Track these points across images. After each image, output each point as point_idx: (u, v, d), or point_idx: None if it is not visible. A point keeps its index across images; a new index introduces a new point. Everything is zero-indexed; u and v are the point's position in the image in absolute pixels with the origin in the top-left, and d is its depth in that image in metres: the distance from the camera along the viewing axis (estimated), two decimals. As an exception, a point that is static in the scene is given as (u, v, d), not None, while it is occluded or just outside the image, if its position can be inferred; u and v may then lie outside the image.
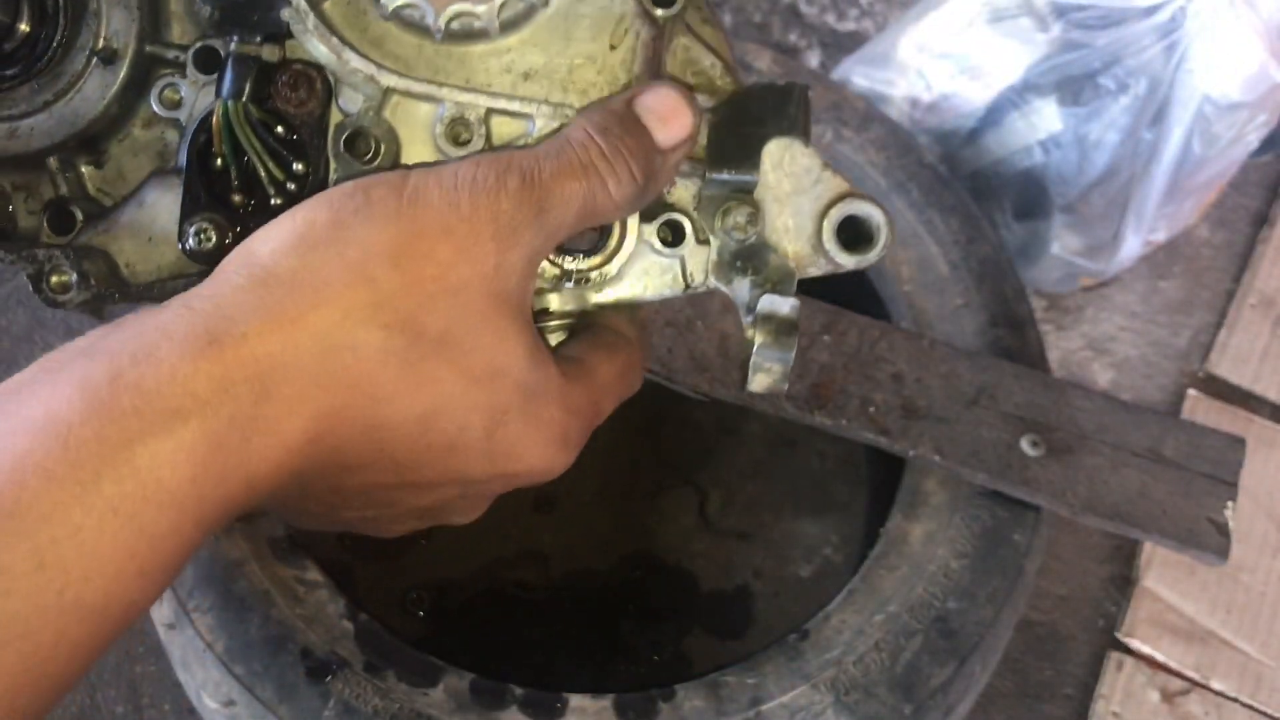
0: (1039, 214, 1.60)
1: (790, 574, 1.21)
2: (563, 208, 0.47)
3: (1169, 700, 1.39)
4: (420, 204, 0.44)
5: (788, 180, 0.53)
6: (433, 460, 0.47)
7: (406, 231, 0.44)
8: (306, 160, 0.54)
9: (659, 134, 0.50)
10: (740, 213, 0.54)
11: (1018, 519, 0.97)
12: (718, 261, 0.55)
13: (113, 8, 0.54)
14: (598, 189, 0.48)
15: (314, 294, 0.42)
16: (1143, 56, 1.47)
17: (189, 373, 0.40)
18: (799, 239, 0.54)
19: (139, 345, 0.40)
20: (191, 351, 0.40)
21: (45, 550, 0.38)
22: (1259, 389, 1.67)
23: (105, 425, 0.39)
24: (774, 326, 0.52)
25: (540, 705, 0.86)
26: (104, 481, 0.38)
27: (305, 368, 0.42)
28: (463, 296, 0.44)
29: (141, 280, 0.57)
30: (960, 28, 1.57)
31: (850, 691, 0.87)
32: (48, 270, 0.55)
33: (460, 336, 0.45)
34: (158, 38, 0.56)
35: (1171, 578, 1.47)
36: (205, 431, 0.40)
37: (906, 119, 1.61)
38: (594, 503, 1.25)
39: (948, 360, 1.01)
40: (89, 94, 0.55)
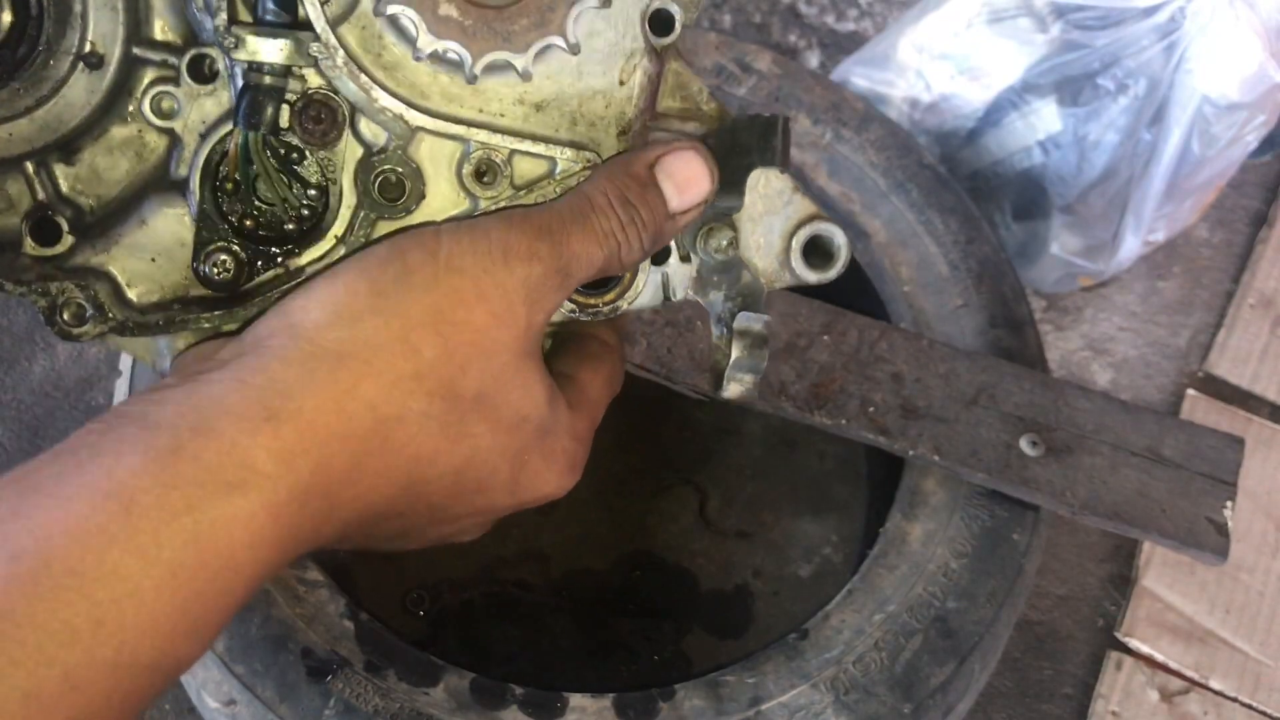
0: (1038, 214, 1.60)
1: (790, 573, 1.21)
2: (584, 270, 0.51)
3: (1168, 699, 1.39)
4: (456, 270, 0.47)
5: (761, 201, 0.57)
6: (463, 501, 0.50)
7: (445, 300, 0.46)
8: (322, 187, 0.55)
9: (674, 201, 0.53)
10: (722, 236, 0.58)
11: (1017, 519, 0.97)
12: (697, 277, 0.59)
13: (99, 10, 0.53)
14: (613, 254, 0.51)
15: (363, 365, 0.44)
16: (1142, 57, 1.47)
17: (248, 446, 0.42)
18: (768, 256, 0.58)
19: (198, 418, 0.42)
20: (250, 427, 0.42)
21: (105, 609, 0.39)
22: (1258, 389, 1.67)
23: (167, 493, 0.40)
24: (749, 341, 0.57)
25: (540, 705, 0.86)
26: (164, 548, 0.40)
27: (357, 437, 0.44)
28: (496, 359, 0.47)
29: (146, 301, 0.56)
30: (959, 28, 1.58)
31: (850, 691, 0.88)
32: (60, 303, 0.54)
33: (493, 394, 0.48)
34: (141, 38, 0.54)
35: (1171, 577, 1.47)
36: (265, 503, 0.42)
37: (906, 119, 1.61)
38: (594, 503, 1.25)
39: (947, 360, 1.02)
40: (73, 99, 0.54)
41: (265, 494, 0.42)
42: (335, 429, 0.44)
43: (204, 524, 0.41)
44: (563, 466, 0.53)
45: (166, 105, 0.55)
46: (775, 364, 1.00)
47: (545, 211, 0.51)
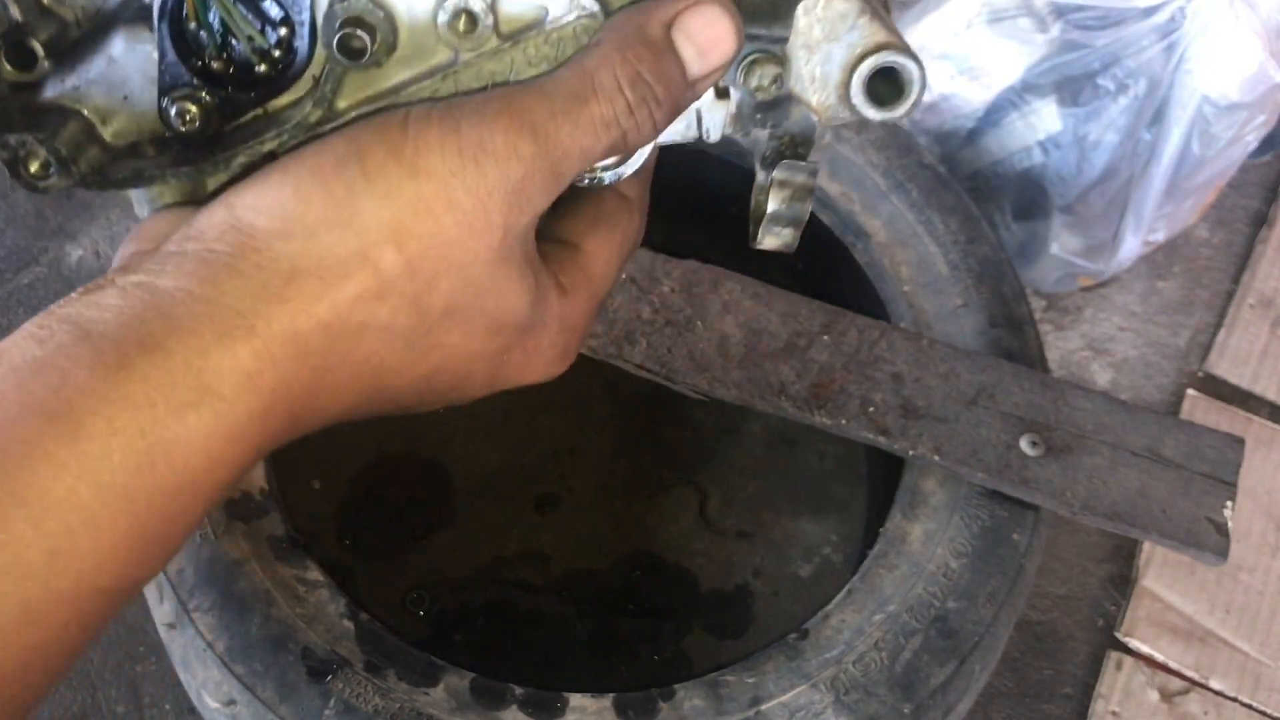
0: (1038, 214, 1.60)
1: (790, 573, 1.21)
2: (579, 165, 0.45)
3: (1168, 700, 1.39)
4: (422, 173, 0.42)
5: (819, 26, 0.47)
6: (435, 397, 0.48)
7: (409, 209, 0.42)
8: (290, 25, 0.49)
9: (694, 67, 0.45)
10: (765, 73, 0.49)
11: (1017, 519, 0.97)
12: (735, 114, 0.51)
13: None
14: (616, 142, 0.45)
15: (318, 282, 0.42)
16: (1142, 57, 1.47)
17: (200, 367, 0.40)
18: (824, 89, 0.48)
19: (144, 332, 0.40)
20: (201, 346, 0.40)
21: (59, 539, 0.37)
22: (1258, 389, 1.67)
23: (118, 415, 0.39)
24: (791, 192, 0.51)
25: (540, 704, 0.86)
26: (118, 472, 0.38)
27: (317, 353, 0.42)
28: (468, 270, 0.44)
29: (123, 141, 0.52)
30: (959, 28, 1.58)
31: (850, 691, 0.88)
32: (23, 155, 0.50)
33: (465, 305, 0.44)
34: None
35: (1171, 577, 1.47)
36: (222, 424, 0.40)
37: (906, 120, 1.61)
38: (594, 503, 1.25)
39: (947, 360, 1.02)
40: None
41: (222, 415, 0.40)
42: (292, 348, 0.41)
43: (159, 446, 0.39)
44: (549, 358, 0.49)
45: None
46: (775, 364, 1.00)
47: (533, 95, 0.44)
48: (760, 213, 0.51)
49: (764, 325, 1.02)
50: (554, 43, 0.47)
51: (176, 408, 0.39)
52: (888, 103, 0.47)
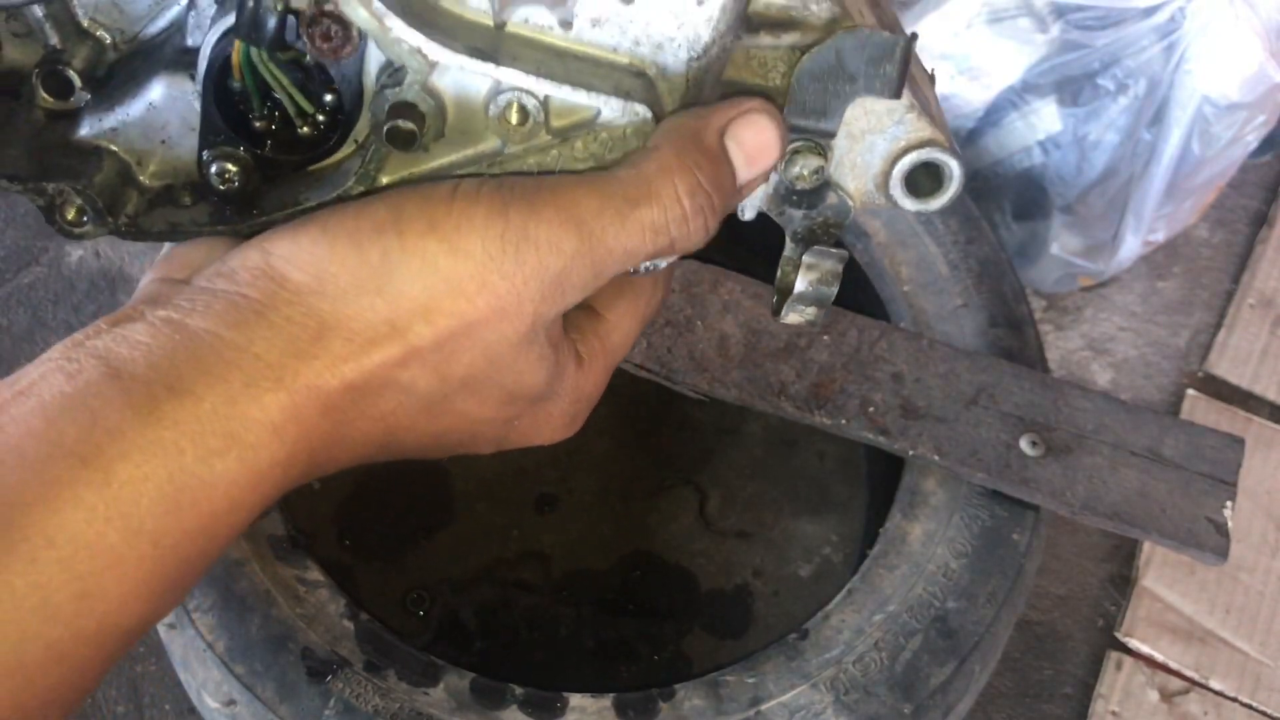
0: (1038, 214, 1.60)
1: (790, 573, 1.21)
2: (623, 265, 0.45)
3: (1168, 700, 1.39)
4: (459, 253, 0.42)
5: (865, 117, 0.48)
6: (442, 452, 0.49)
7: (442, 286, 0.42)
8: (338, 93, 0.48)
9: (743, 172, 0.47)
10: (808, 164, 0.49)
11: (1017, 519, 0.97)
12: (772, 195, 0.52)
13: None
14: (664, 249, 0.45)
15: (345, 344, 0.43)
16: (1142, 57, 1.47)
17: (228, 415, 0.41)
18: (864, 176, 0.49)
19: (175, 376, 0.40)
20: (230, 394, 0.41)
21: (87, 582, 0.38)
22: (1258, 389, 1.67)
23: (147, 460, 0.39)
24: (819, 275, 0.51)
25: (540, 704, 0.86)
26: (146, 518, 0.39)
27: (338, 409, 0.43)
28: (492, 349, 0.44)
29: (159, 183, 0.52)
30: (959, 28, 1.58)
31: (850, 691, 0.88)
32: (59, 203, 0.50)
33: (483, 378, 0.45)
34: None
35: (1170, 577, 1.47)
36: (247, 471, 0.41)
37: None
38: (594, 503, 1.25)
39: (947, 360, 1.02)
40: None
41: (247, 463, 0.41)
42: (316, 403, 0.42)
43: (186, 492, 0.40)
44: (556, 426, 0.51)
45: None
46: (775, 364, 1.00)
47: (583, 190, 0.44)
48: (787, 286, 0.52)
49: (764, 325, 1.02)
50: (603, 142, 0.47)
51: (204, 454, 0.40)
52: (925, 194, 0.48)
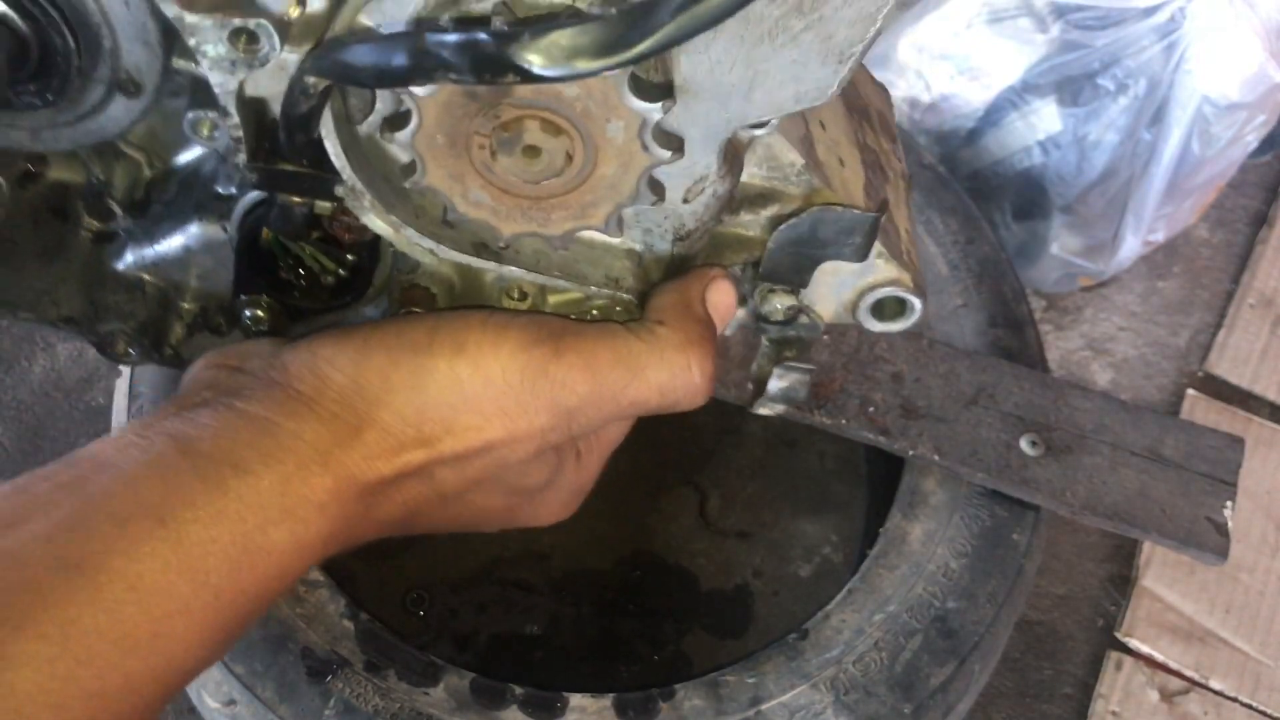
0: (1038, 214, 1.60)
1: (790, 573, 1.21)
2: (627, 413, 0.53)
3: (1168, 700, 1.39)
4: (481, 378, 0.49)
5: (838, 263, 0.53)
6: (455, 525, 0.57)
7: (464, 406, 0.49)
8: (360, 255, 0.54)
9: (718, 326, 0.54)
10: (781, 300, 0.55)
11: (1017, 518, 0.97)
12: (745, 322, 0.57)
13: (131, 43, 0.51)
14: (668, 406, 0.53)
15: (378, 441, 0.49)
16: (1142, 57, 1.47)
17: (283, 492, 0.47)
18: (834, 303, 0.55)
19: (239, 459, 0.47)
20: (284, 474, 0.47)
21: (160, 624, 0.44)
22: (1258, 389, 1.67)
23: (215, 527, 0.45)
24: (789, 384, 0.58)
25: (540, 704, 0.86)
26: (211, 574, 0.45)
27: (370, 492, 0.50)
28: (502, 460, 0.52)
29: (195, 307, 0.58)
30: (959, 29, 1.58)
31: (850, 691, 0.88)
32: (111, 340, 0.57)
33: (493, 479, 0.53)
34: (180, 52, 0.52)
35: (1170, 577, 1.47)
36: (297, 541, 0.48)
37: (906, 120, 1.62)
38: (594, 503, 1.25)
39: (947, 360, 1.02)
40: (115, 115, 0.53)
41: (297, 535, 0.48)
42: (354, 488, 0.49)
43: (246, 556, 0.46)
44: (554, 511, 0.61)
45: (207, 128, 0.54)
46: (775, 364, 1.00)
47: (603, 345, 0.51)
48: (763, 378, 0.57)
49: (764, 325, 1.02)
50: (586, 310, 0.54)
51: (262, 524, 0.47)
52: (889, 318, 0.54)
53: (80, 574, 0.42)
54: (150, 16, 0.49)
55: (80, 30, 0.49)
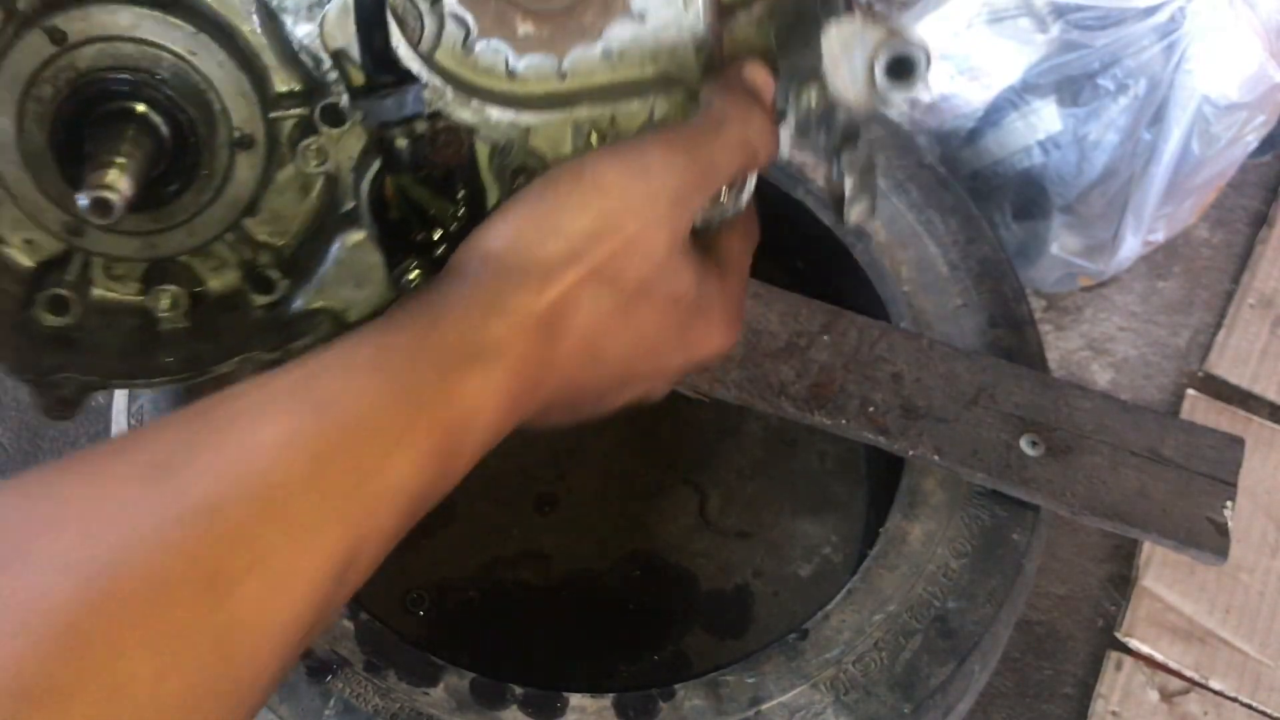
0: (1038, 214, 1.60)
1: (790, 573, 1.21)
2: (723, 177, 0.59)
3: (1168, 700, 1.40)
4: (603, 190, 0.55)
5: (838, 45, 0.57)
6: (640, 365, 0.60)
7: (599, 218, 0.55)
8: (468, 185, 0.60)
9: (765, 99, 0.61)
10: (810, 92, 0.60)
11: (1017, 518, 0.97)
12: (796, 135, 0.62)
13: (234, 99, 0.56)
14: (751, 159, 0.60)
15: (544, 278, 0.54)
16: (1142, 57, 1.48)
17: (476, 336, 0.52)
18: (856, 87, 0.57)
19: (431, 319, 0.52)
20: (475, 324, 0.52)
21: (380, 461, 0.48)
22: (1258, 389, 1.67)
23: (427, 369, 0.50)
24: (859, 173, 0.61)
25: (540, 704, 0.86)
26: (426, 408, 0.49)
27: (550, 328, 0.54)
28: (650, 258, 0.56)
29: (362, 318, 0.63)
30: (959, 28, 1.58)
31: (850, 690, 0.88)
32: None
33: (650, 283, 0.57)
34: (271, 100, 0.57)
35: (1170, 577, 1.47)
36: (493, 375, 0.52)
37: (905, 119, 1.62)
38: (594, 503, 1.25)
39: (947, 360, 1.02)
40: (240, 178, 0.58)
41: (493, 368, 0.52)
42: (532, 321, 0.53)
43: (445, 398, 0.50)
44: (723, 326, 0.63)
45: (314, 153, 0.58)
46: (775, 364, 1.00)
47: (678, 127, 0.59)
48: (840, 195, 0.62)
49: (764, 325, 1.02)
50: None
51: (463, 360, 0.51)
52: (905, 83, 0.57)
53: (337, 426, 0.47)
54: (240, 70, 0.55)
55: (195, 103, 0.55)
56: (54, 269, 0.58)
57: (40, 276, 0.58)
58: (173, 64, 0.54)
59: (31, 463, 1.50)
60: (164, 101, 0.54)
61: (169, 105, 0.54)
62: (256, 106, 0.56)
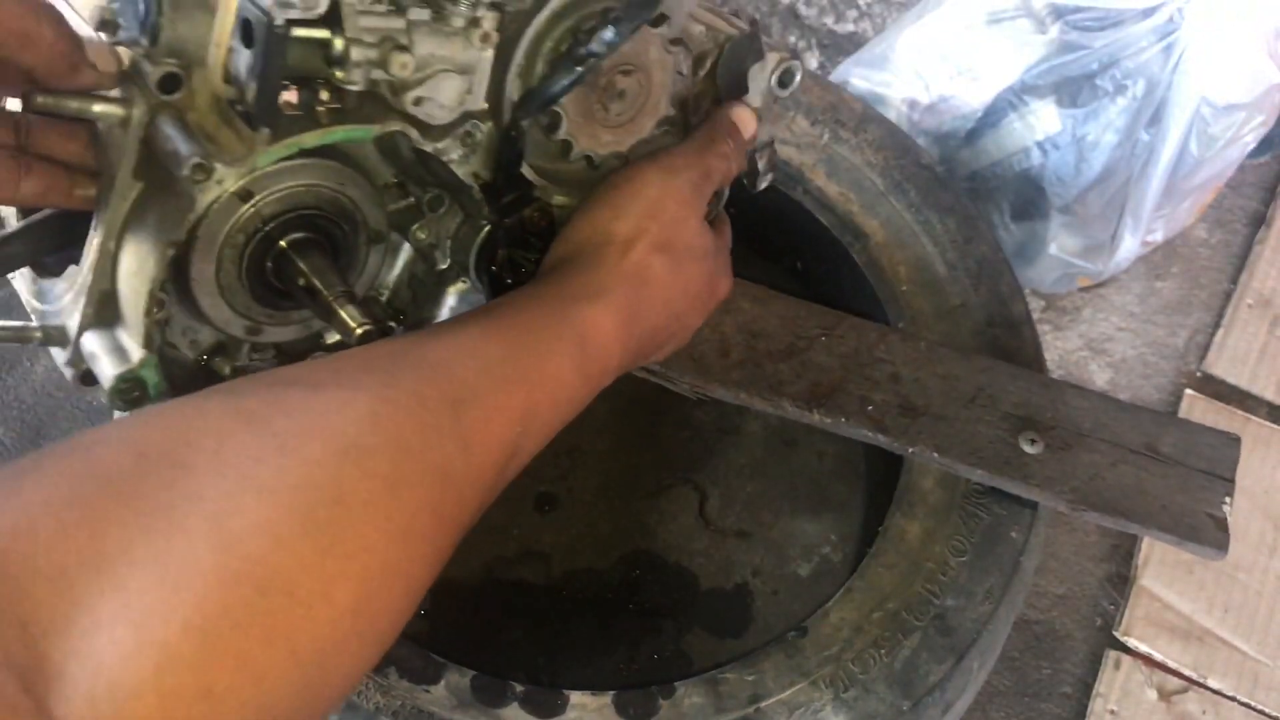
0: (1037, 215, 1.61)
1: (789, 572, 1.21)
2: (717, 178, 0.80)
3: (1166, 699, 1.40)
4: (649, 185, 0.75)
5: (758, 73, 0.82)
6: (691, 305, 0.78)
7: (651, 204, 0.74)
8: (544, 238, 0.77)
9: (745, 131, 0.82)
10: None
11: (1015, 516, 0.97)
12: None
13: (369, 207, 0.70)
14: (730, 171, 0.81)
15: (623, 247, 0.73)
16: (1140, 58, 1.48)
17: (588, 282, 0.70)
18: (761, 95, 0.82)
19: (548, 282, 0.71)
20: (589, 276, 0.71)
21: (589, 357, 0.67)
22: (1256, 389, 1.67)
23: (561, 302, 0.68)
24: (766, 156, 0.86)
25: (541, 702, 0.86)
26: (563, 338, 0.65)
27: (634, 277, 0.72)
28: (686, 228, 0.76)
29: None
30: (958, 29, 1.58)
31: (849, 688, 0.88)
32: None
33: (690, 245, 0.76)
34: (387, 199, 0.72)
35: (1169, 577, 1.47)
36: (605, 309, 0.68)
37: (904, 120, 1.62)
38: (594, 502, 1.25)
39: (945, 361, 1.02)
40: (373, 263, 0.74)
41: (605, 300, 0.69)
42: (622, 275, 0.71)
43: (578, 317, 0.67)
44: (728, 277, 0.83)
45: (427, 238, 0.75)
46: (774, 364, 1.00)
47: (683, 144, 0.79)
48: (754, 171, 0.86)
49: (763, 328, 1.03)
50: None
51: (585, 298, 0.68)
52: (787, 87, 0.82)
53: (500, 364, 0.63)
54: (366, 180, 0.69)
55: (346, 220, 0.69)
56: (217, 353, 0.70)
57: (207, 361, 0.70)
58: (331, 196, 0.67)
59: (33, 463, 1.50)
60: (326, 225, 0.68)
61: (330, 226, 0.68)
62: (382, 209, 0.71)
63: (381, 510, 0.48)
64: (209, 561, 0.42)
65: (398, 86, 0.63)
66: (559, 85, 0.69)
